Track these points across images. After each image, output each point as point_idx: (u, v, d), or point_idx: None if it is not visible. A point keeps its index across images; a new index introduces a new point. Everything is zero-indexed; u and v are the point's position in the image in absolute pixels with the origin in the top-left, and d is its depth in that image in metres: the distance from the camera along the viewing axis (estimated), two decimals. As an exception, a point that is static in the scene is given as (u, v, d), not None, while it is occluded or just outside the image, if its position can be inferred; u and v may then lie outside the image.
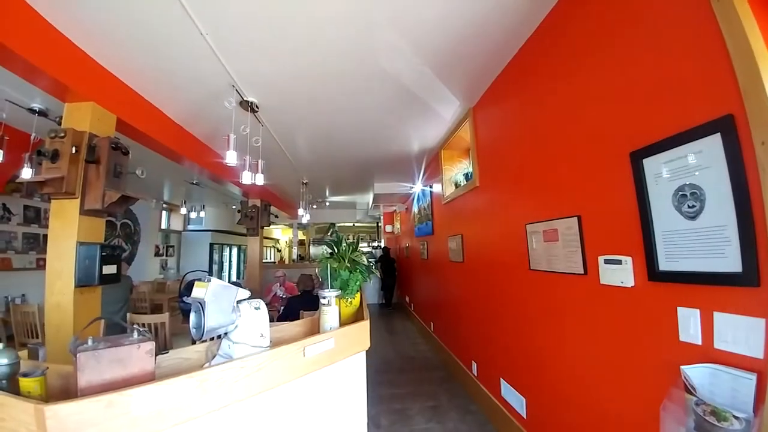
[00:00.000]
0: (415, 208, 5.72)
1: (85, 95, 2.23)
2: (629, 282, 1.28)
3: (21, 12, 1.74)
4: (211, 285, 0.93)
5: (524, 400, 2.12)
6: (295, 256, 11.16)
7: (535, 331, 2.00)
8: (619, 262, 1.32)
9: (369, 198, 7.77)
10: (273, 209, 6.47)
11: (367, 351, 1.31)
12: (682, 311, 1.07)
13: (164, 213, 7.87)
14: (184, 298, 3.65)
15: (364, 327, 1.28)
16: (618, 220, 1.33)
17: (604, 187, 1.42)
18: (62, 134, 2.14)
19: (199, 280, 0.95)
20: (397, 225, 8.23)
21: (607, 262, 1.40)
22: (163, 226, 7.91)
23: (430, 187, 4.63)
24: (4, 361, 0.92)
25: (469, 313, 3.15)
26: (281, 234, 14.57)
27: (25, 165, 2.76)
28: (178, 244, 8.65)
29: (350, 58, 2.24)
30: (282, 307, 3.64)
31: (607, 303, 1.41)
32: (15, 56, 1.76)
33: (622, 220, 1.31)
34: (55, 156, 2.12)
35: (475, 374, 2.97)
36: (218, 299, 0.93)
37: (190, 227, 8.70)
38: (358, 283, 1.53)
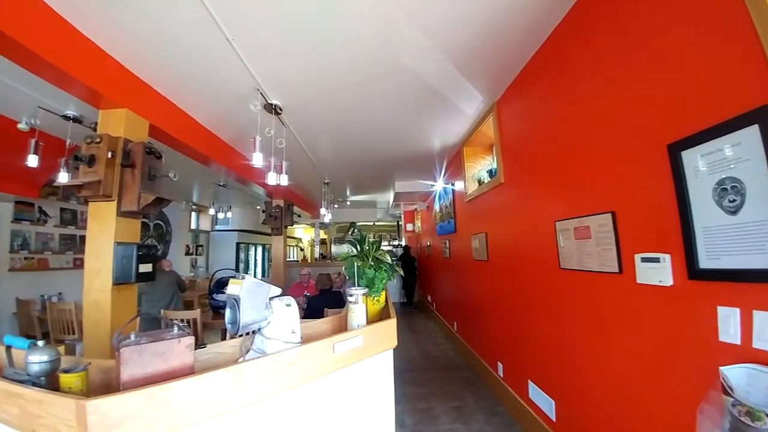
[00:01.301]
0: (436, 207, 5.66)
1: (119, 102, 2.35)
2: (668, 281, 1.22)
3: (54, 22, 1.82)
4: (245, 282, 0.95)
5: (553, 402, 2.05)
6: (317, 255, 11.33)
7: (566, 332, 1.93)
8: (657, 260, 1.26)
9: (389, 197, 7.77)
10: (296, 209, 6.60)
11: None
12: (722, 310, 1.02)
13: (193, 214, 8.20)
14: (214, 295, 3.80)
15: (391, 325, 1.27)
16: (655, 216, 1.27)
17: (640, 182, 1.35)
18: (98, 140, 2.26)
19: (233, 277, 0.98)
20: (418, 223, 8.18)
21: (644, 260, 1.33)
22: (193, 226, 8.24)
23: (452, 184, 4.57)
24: (45, 357, 0.94)
25: (495, 313, 3.08)
26: (303, 233, 14.84)
27: (62, 169, 2.89)
28: (207, 244, 9.00)
29: (371, 58, 2.24)
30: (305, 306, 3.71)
31: (644, 303, 1.34)
32: (49, 65, 1.84)
33: (659, 216, 1.25)
34: (92, 161, 2.24)
35: (501, 375, 2.91)
36: (252, 296, 0.95)
37: (218, 227, 9.02)
38: (383, 281, 1.53)
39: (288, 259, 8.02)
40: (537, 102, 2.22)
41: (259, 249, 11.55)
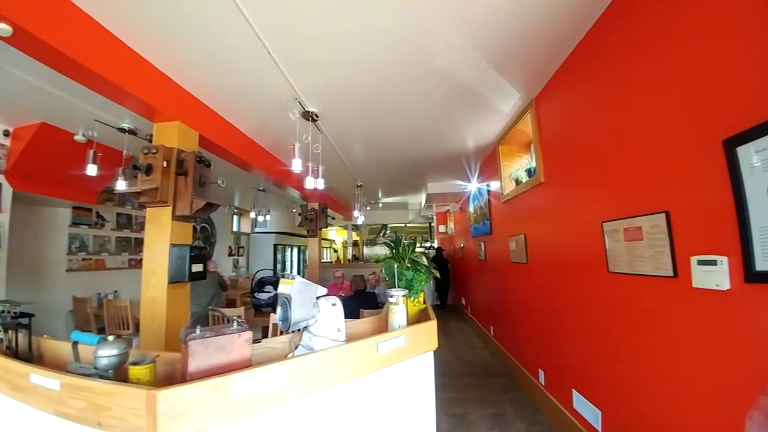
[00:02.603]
0: (470, 207, 5.56)
1: (172, 115, 2.55)
2: (724, 285, 1.15)
3: (112, 44, 1.99)
4: (295, 282, 1.01)
5: (600, 413, 1.96)
6: (350, 257, 11.53)
7: (614, 339, 1.83)
8: (714, 262, 1.19)
9: (421, 198, 7.74)
10: (329, 211, 6.77)
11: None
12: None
13: (235, 217, 8.67)
14: (256, 294, 4.00)
15: (431, 327, 1.28)
16: (711, 215, 1.20)
17: (695, 180, 1.28)
18: (155, 150, 2.47)
19: (284, 277, 1.04)
20: (451, 225, 8.06)
21: (700, 263, 1.25)
22: (234, 228, 8.71)
23: (487, 185, 4.47)
24: (114, 351, 1.02)
25: (536, 317, 2.97)
26: (336, 235, 15.16)
27: (120, 178, 3.12)
28: (247, 245, 9.47)
29: (405, 61, 2.26)
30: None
31: (700, 308, 1.27)
32: (108, 83, 2.02)
33: (715, 216, 1.18)
34: (149, 170, 2.45)
35: (543, 383, 2.79)
36: (302, 295, 1.00)
37: (257, 230, 9.46)
38: (422, 283, 1.54)
39: (322, 260, 8.24)
40: (580, 96, 2.12)
41: (295, 250, 11.96)
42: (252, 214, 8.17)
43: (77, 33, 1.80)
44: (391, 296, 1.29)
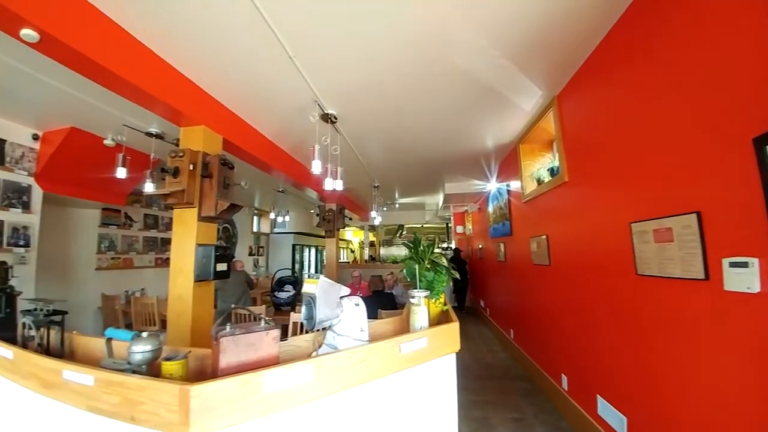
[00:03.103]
0: (489, 208, 5.47)
1: (197, 120, 2.64)
2: (755, 287, 1.12)
3: (137, 48, 2.05)
4: (320, 281, 1.03)
5: (625, 419, 1.91)
6: (366, 257, 11.58)
7: (642, 343, 1.77)
8: (745, 264, 1.15)
9: (439, 198, 7.68)
10: (346, 212, 6.82)
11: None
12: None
13: (255, 218, 8.87)
14: (276, 293, 4.08)
15: (454, 328, 1.27)
16: (743, 215, 1.17)
17: (726, 178, 1.24)
18: (181, 154, 2.56)
19: (309, 276, 1.06)
20: (469, 225, 7.97)
21: (732, 264, 1.21)
22: (255, 229, 8.92)
23: (507, 184, 4.39)
24: (148, 347, 1.04)
25: (558, 321, 2.89)
26: (352, 236, 15.26)
27: (147, 180, 3.27)
28: (267, 245, 9.68)
29: (423, 60, 2.25)
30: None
31: (732, 312, 1.23)
32: (137, 89, 2.10)
33: (746, 216, 1.15)
34: (176, 172, 2.54)
35: (566, 389, 2.72)
36: (326, 295, 1.02)
37: (276, 230, 9.65)
38: (443, 284, 1.53)
39: (339, 261, 8.31)
40: (605, 93, 2.05)
41: (313, 250, 12.12)
42: (271, 215, 8.34)
43: (104, 39, 1.85)
44: (413, 297, 1.29)
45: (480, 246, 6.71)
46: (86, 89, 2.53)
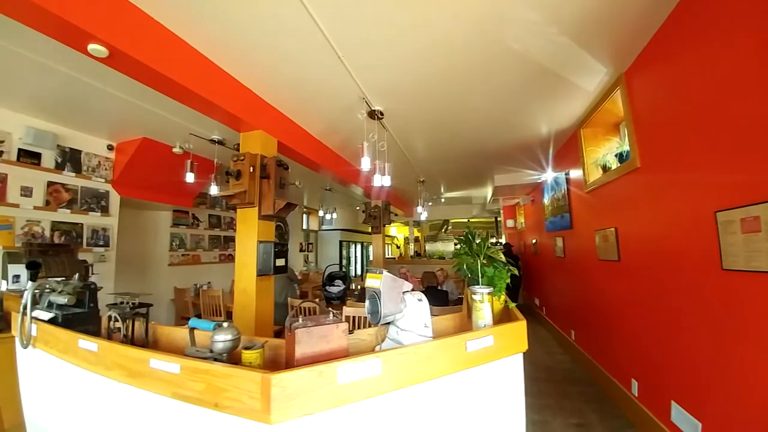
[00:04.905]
0: (545, 199, 5.14)
1: (255, 125, 2.80)
2: None
3: (197, 59, 2.20)
4: (384, 276, 1.03)
5: (700, 425, 1.77)
6: (412, 253, 11.56)
7: (726, 344, 1.58)
8: None
9: (487, 192, 7.39)
10: (392, 208, 6.85)
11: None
12: None
13: (304, 216, 9.28)
14: (327, 288, 4.23)
15: (521, 327, 1.21)
16: None
17: None
18: (242, 158, 2.74)
19: (372, 272, 1.07)
20: (521, 219, 7.56)
21: None
22: (304, 226, 9.33)
23: (566, 173, 4.08)
24: (229, 336, 1.10)
25: (629, 322, 2.64)
26: (396, 231, 15.30)
27: (212, 183, 3.59)
28: (316, 242, 10.08)
29: (476, 47, 2.15)
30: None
31: None
32: (200, 98, 2.26)
33: None
34: (239, 175, 2.73)
35: (636, 394, 2.48)
36: (390, 290, 1.02)
37: (324, 227, 10.02)
38: (504, 280, 1.46)
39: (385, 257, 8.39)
40: (683, 66, 1.80)
41: (359, 246, 12.38)
42: (320, 213, 8.66)
43: (168, 52, 1.98)
44: (475, 294, 1.24)
45: (534, 241, 6.34)
46: (154, 101, 2.79)
